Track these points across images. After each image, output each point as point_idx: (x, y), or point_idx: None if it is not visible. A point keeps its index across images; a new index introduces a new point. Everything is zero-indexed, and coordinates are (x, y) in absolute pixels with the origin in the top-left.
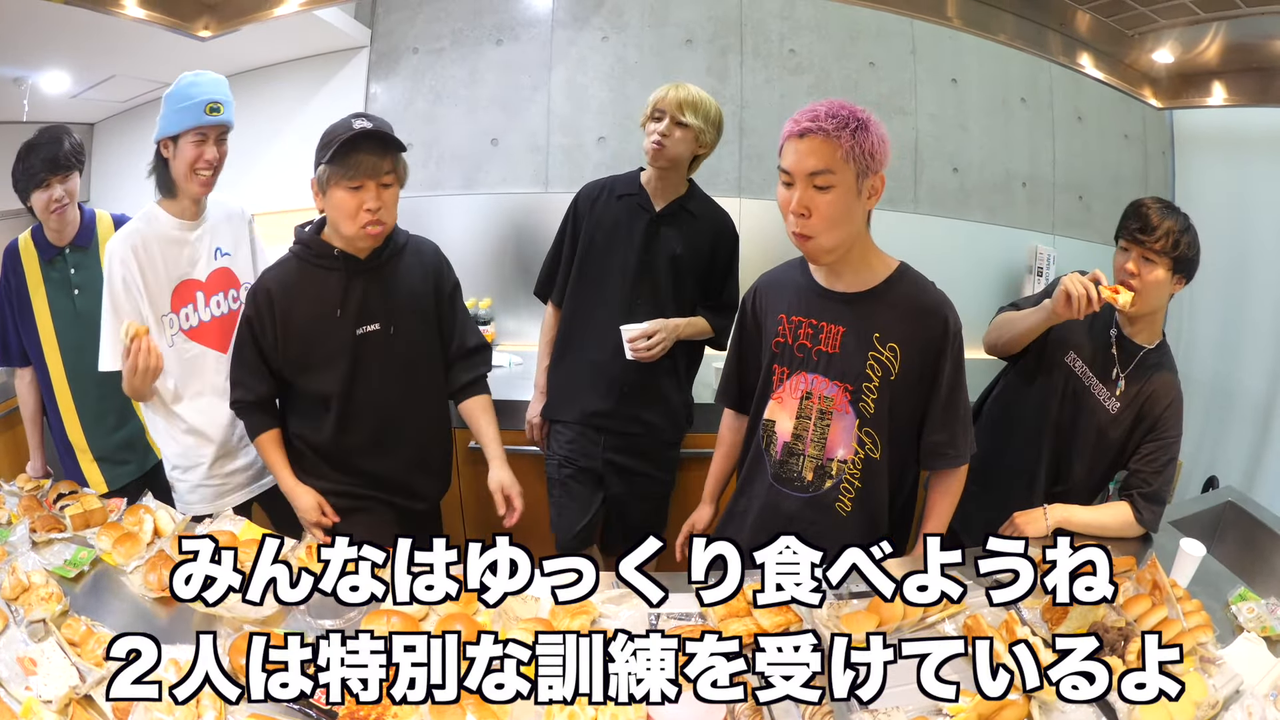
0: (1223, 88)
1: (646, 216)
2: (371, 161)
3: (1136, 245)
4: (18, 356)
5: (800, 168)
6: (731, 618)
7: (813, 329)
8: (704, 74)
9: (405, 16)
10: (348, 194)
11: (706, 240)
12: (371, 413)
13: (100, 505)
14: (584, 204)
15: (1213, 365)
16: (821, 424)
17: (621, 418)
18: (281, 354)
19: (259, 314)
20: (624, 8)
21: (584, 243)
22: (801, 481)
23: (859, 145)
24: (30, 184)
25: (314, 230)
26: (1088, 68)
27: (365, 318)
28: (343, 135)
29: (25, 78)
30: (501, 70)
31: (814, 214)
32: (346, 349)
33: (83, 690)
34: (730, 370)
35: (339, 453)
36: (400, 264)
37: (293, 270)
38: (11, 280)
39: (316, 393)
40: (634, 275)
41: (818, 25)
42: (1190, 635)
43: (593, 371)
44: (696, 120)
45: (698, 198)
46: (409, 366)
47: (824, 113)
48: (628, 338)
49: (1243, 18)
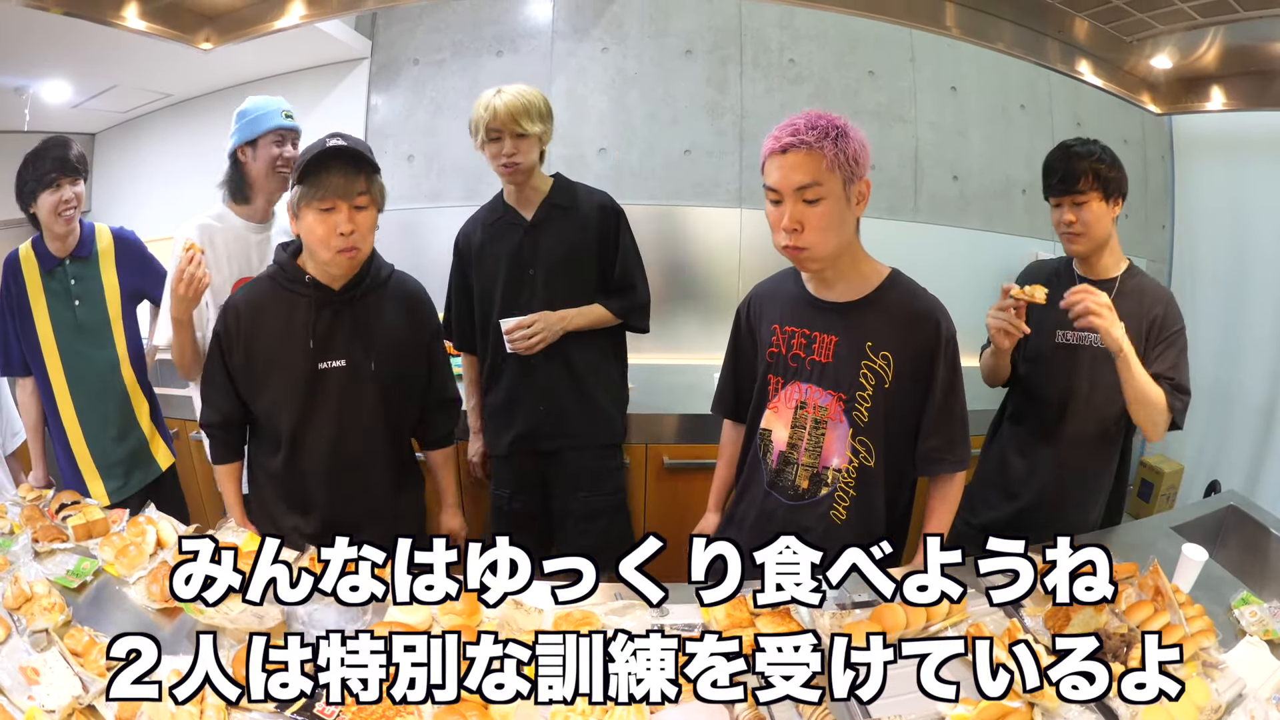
0: (1221, 92)
1: (520, 230)
2: (342, 181)
3: (1065, 196)
4: (19, 366)
5: (787, 183)
6: (734, 628)
7: (806, 339)
8: (704, 84)
9: (406, 28)
10: (319, 216)
11: (589, 230)
12: (325, 453)
13: (102, 516)
14: (463, 244)
15: (1214, 369)
16: (816, 433)
17: (546, 435)
18: (242, 377)
19: (227, 331)
20: (624, 19)
21: (476, 280)
22: (796, 490)
23: (842, 153)
24: (40, 185)
25: (291, 253)
26: (1086, 74)
27: (329, 352)
28: (313, 152)
29: (26, 87)
30: (502, 81)
31: (806, 227)
32: (304, 382)
33: (85, 700)
34: (725, 381)
35: (292, 488)
36: (377, 300)
37: (264, 291)
38: (12, 290)
39: (270, 424)
40: (526, 290)
41: (817, 34)
42: (1193, 640)
43: (515, 397)
44: (534, 125)
45: (565, 189)
46: (372, 409)
47: (803, 125)
48: (505, 329)
49: (1240, 22)
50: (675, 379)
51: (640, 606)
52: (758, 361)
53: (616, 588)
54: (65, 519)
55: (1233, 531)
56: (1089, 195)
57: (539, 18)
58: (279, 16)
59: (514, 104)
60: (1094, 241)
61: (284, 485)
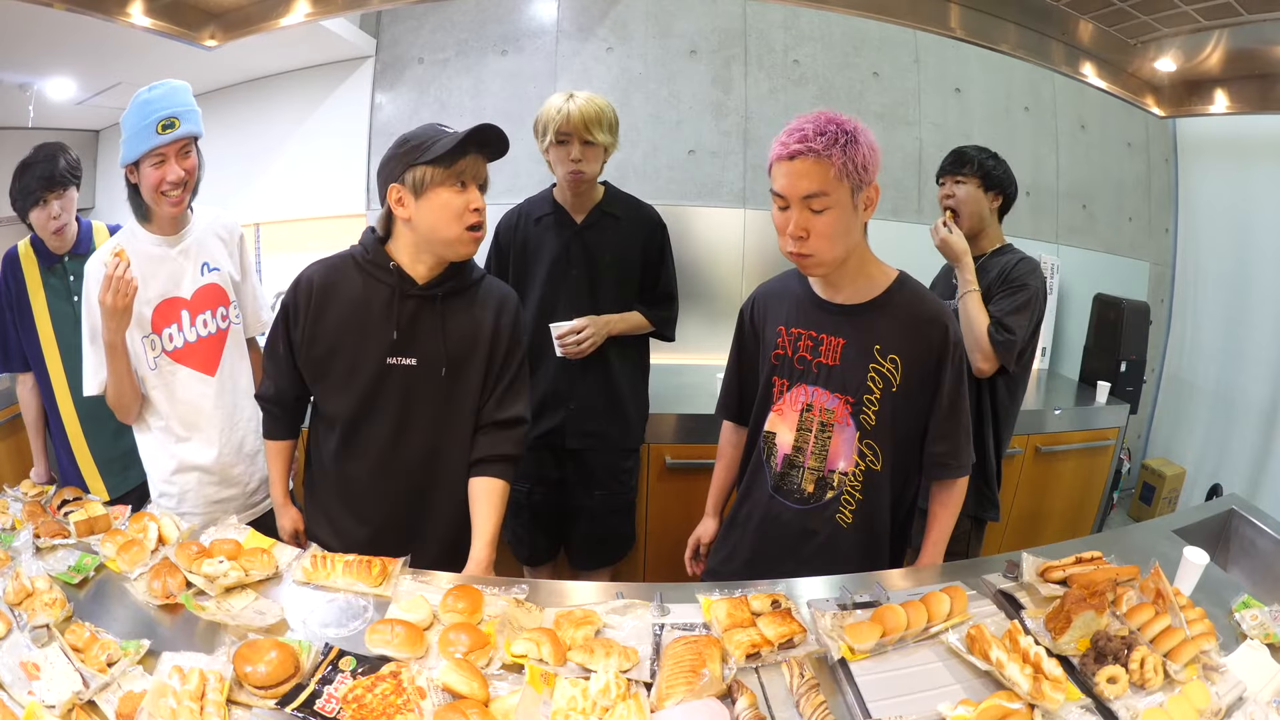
0: (1225, 95)
1: (569, 232)
2: (476, 166)
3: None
4: (19, 362)
5: (794, 191)
6: (735, 628)
7: (813, 341)
8: (708, 85)
9: (410, 27)
10: (455, 193)
11: (634, 241)
12: (378, 452)
13: (104, 512)
14: (505, 235)
15: (1216, 373)
16: (822, 436)
17: (573, 434)
18: (305, 354)
19: (295, 304)
20: (628, 19)
21: (513, 274)
22: (802, 493)
23: (851, 160)
24: (27, 202)
25: (378, 238)
26: (1090, 77)
27: (401, 349)
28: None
29: (31, 84)
30: (506, 80)
31: (812, 235)
32: (369, 375)
33: (86, 696)
34: (730, 382)
35: (340, 480)
36: (463, 302)
37: (344, 269)
38: (12, 285)
39: (327, 409)
40: (569, 291)
41: (821, 36)
42: (1193, 643)
43: (543, 394)
44: (603, 135)
45: (616, 199)
46: (436, 416)
47: (812, 131)
48: (556, 334)
49: (1244, 25)
50: (678, 379)
51: (641, 605)
52: (761, 363)
53: (619, 586)
54: (67, 515)
55: (1234, 535)
56: (969, 178)
57: (544, 17)
58: (284, 14)
59: (587, 111)
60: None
61: (336, 480)
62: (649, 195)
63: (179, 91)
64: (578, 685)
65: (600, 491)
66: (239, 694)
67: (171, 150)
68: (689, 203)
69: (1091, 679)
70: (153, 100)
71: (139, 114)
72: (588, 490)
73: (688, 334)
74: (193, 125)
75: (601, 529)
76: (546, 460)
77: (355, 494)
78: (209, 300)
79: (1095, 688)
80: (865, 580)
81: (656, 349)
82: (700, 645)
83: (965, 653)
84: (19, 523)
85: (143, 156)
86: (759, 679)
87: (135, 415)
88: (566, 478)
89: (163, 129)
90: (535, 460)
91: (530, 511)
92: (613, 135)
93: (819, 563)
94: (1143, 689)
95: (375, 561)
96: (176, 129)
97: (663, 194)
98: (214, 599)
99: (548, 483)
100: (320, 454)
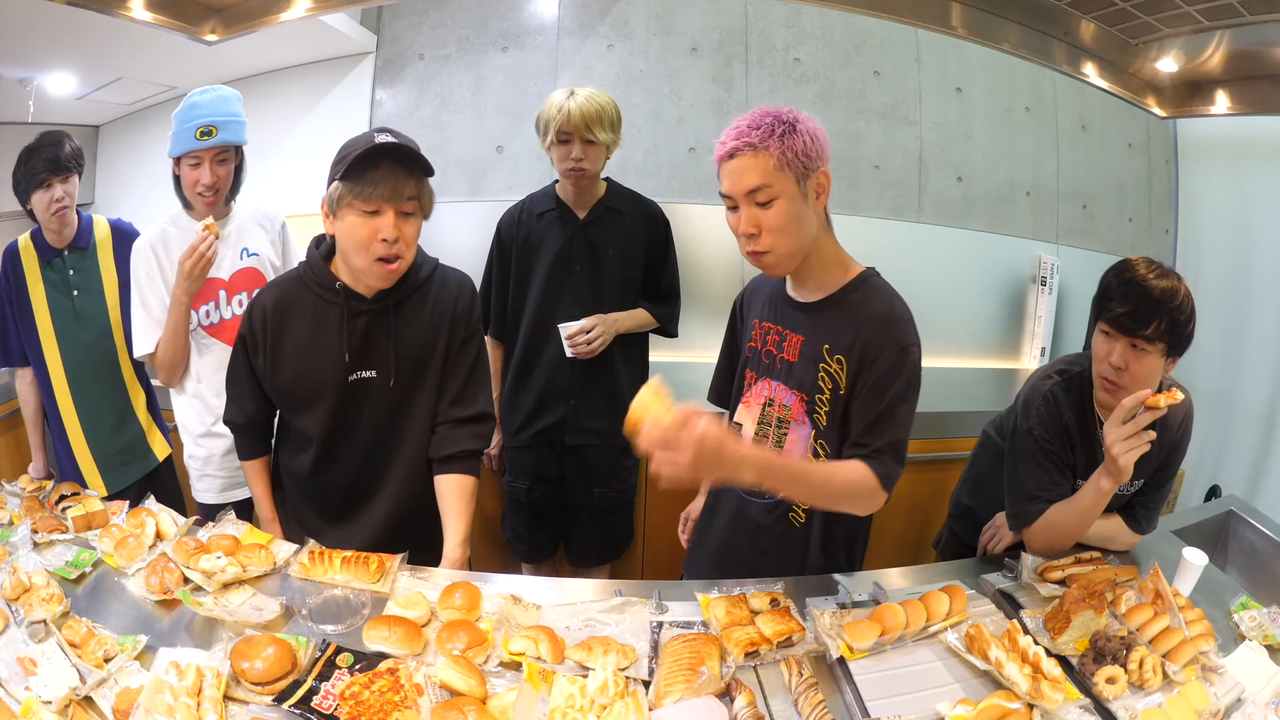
0: (1226, 96)
1: (572, 227)
2: (392, 183)
3: (1125, 334)
4: (18, 356)
5: (738, 188)
6: (734, 626)
7: (779, 335)
8: (709, 83)
9: (411, 23)
10: (361, 219)
11: (638, 237)
12: (354, 463)
13: (102, 508)
14: (507, 231)
15: (1215, 374)
16: (779, 432)
17: (574, 430)
18: (270, 380)
19: (253, 332)
20: (630, 16)
21: (515, 269)
22: (759, 489)
23: (789, 149)
24: (31, 184)
25: (324, 253)
26: (1092, 77)
27: (362, 363)
28: (361, 148)
29: (31, 79)
30: (507, 77)
31: (763, 230)
32: (335, 392)
33: (83, 691)
34: (720, 369)
35: (317, 492)
36: (416, 305)
37: (294, 292)
38: (11, 280)
39: (299, 428)
40: (571, 286)
41: (823, 34)
42: (1192, 644)
43: (544, 390)
44: (605, 134)
45: (619, 195)
46: (404, 421)
47: (747, 126)
48: (567, 335)
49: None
50: (676, 376)
51: (639, 603)
52: (738, 353)
53: (618, 584)
54: (65, 510)
55: (1233, 536)
56: (1152, 346)
57: (545, 14)
58: (285, 9)
59: (588, 109)
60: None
61: (313, 493)
62: (649, 192)
63: (226, 100)
64: (576, 683)
65: (600, 489)
66: (236, 690)
67: (207, 155)
68: (689, 200)
69: (1090, 679)
70: (198, 105)
71: (184, 116)
72: (587, 487)
73: (688, 331)
74: (231, 134)
75: (601, 526)
76: (546, 457)
77: (334, 506)
78: (246, 282)
79: (1094, 688)
80: (863, 579)
81: (656, 345)
82: (699, 643)
83: (964, 652)
84: (16, 518)
85: (182, 156)
86: (757, 677)
87: (178, 379)
88: (566, 475)
89: (200, 135)
90: (535, 457)
91: (530, 508)
92: (614, 133)
93: (773, 558)
94: (1141, 689)
95: (373, 558)
96: (213, 137)
97: (663, 191)
98: (211, 595)
99: (547, 480)
100: (294, 469)
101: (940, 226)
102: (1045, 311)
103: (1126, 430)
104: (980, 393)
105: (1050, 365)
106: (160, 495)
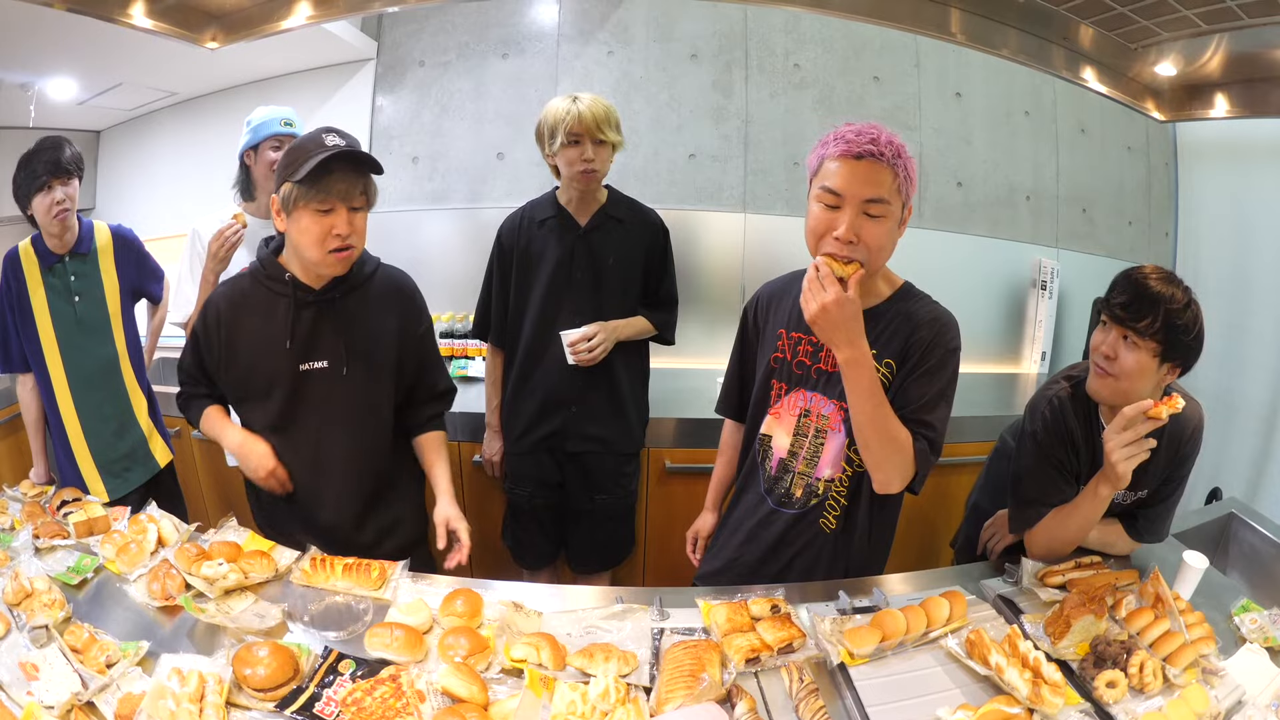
0: (1225, 99)
1: (573, 235)
2: (344, 186)
3: (1117, 324)
4: (19, 362)
5: (855, 192)
6: (735, 632)
7: (813, 346)
8: (709, 89)
9: (412, 29)
10: (315, 217)
11: (638, 244)
12: (308, 455)
13: (104, 513)
14: (507, 238)
15: (1215, 377)
16: (815, 442)
17: (574, 437)
18: (224, 375)
19: (206, 330)
20: (629, 22)
21: (516, 276)
22: (790, 498)
23: (907, 175)
24: (32, 188)
25: (272, 249)
26: (1091, 81)
27: (312, 353)
28: (315, 154)
29: (32, 84)
30: (507, 84)
31: (863, 240)
32: (286, 383)
33: (85, 697)
34: (731, 381)
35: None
36: (362, 298)
37: (246, 289)
38: (12, 285)
39: (254, 421)
40: (572, 294)
41: (822, 40)
42: (1192, 647)
43: (545, 397)
44: (613, 134)
45: (620, 203)
46: (358, 411)
47: (883, 138)
48: (568, 342)
49: (1245, 29)
50: (677, 383)
51: (640, 610)
52: (759, 363)
53: (619, 590)
54: (66, 516)
55: (1234, 538)
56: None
57: (545, 20)
58: (286, 16)
59: (597, 110)
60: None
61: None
62: (649, 199)
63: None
64: (577, 689)
65: (600, 495)
66: (238, 696)
67: (286, 142)
68: (689, 206)
69: (1090, 683)
70: (277, 109)
71: (267, 115)
72: (588, 494)
73: (687, 338)
74: (296, 131)
75: (601, 533)
76: (547, 464)
77: (298, 497)
78: None
79: (1094, 692)
80: (864, 585)
81: (656, 353)
82: (699, 650)
83: (964, 657)
84: (18, 523)
85: (264, 140)
86: (758, 684)
87: None
88: (567, 481)
89: (284, 124)
90: (536, 464)
91: (531, 515)
92: (620, 134)
93: (801, 565)
94: (1142, 693)
95: (375, 564)
96: (293, 128)
97: (663, 198)
98: (213, 601)
99: (548, 486)
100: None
101: (940, 231)
102: (1046, 315)
103: (1126, 438)
104: (981, 397)
105: (1060, 371)
106: (162, 502)
